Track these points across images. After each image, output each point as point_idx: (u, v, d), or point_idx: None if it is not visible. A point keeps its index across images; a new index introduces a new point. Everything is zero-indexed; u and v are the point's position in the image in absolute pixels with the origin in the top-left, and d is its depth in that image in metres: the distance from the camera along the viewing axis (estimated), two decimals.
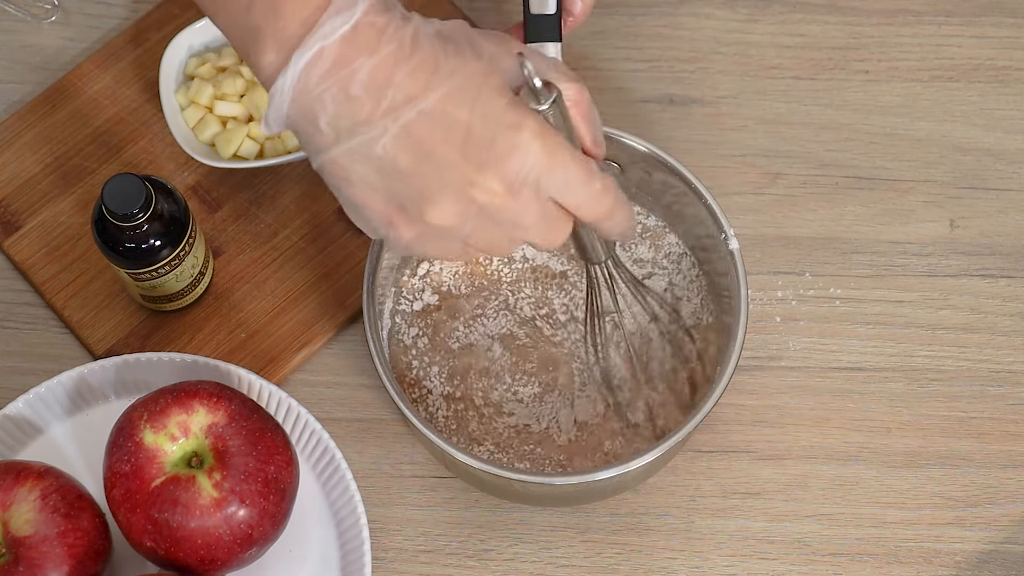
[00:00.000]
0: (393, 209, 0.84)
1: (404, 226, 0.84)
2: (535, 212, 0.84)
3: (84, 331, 1.11)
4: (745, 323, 1.02)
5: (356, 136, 0.82)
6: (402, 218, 0.84)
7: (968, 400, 1.11)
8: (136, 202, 1.01)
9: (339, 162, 0.83)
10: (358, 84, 0.81)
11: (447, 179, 0.82)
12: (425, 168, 0.82)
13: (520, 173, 0.82)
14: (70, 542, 0.96)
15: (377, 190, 0.83)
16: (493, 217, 0.83)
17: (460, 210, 0.83)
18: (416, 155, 0.82)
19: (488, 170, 0.82)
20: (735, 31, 1.20)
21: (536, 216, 0.84)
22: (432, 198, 0.82)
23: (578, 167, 0.84)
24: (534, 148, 0.82)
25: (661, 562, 1.07)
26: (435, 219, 0.83)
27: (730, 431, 1.10)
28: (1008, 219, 1.15)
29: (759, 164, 1.16)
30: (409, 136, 0.81)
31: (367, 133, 0.82)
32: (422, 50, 0.82)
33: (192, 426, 0.97)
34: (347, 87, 0.81)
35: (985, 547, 1.07)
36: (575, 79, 0.87)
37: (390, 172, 0.82)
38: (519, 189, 0.83)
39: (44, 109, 1.16)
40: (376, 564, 1.06)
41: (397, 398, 1.00)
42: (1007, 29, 1.20)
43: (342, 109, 0.81)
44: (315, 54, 0.81)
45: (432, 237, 0.84)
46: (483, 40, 0.84)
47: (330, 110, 0.82)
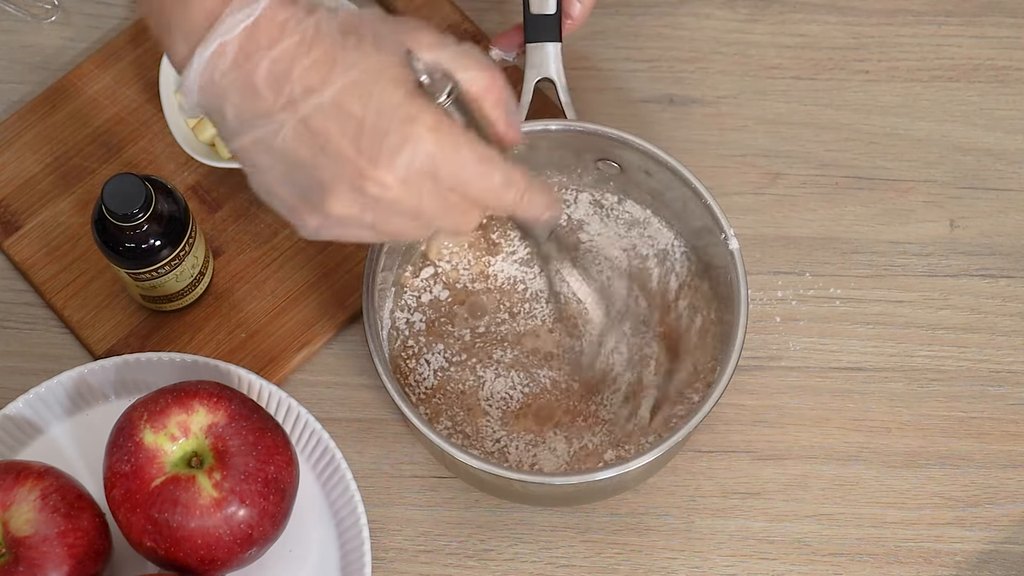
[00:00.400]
0: (296, 199, 0.85)
1: (308, 215, 0.86)
2: (435, 203, 0.85)
3: (84, 331, 1.11)
4: (745, 323, 1.02)
5: (258, 128, 0.84)
6: (305, 207, 0.86)
7: (968, 400, 1.11)
8: (136, 202, 1.01)
9: (246, 150, 0.85)
10: (260, 77, 0.83)
11: (342, 172, 0.83)
12: (322, 161, 0.83)
13: (412, 167, 0.83)
14: (70, 542, 0.96)
15: (281, 180, 0.85)
16: (391, 208, 0.84)
17: (357, 202, 0.84)
18: (313, 148, 0.83)
19: (380, 164, 0.83)
20: (735, 31, 1.20)
21: (437, 207, 0.85)
22: (329, 190, 0.84)
23: (474, 160, 0.85)
24: (426, 141, 0.83)
25: (661, 562, 1.07)
26: (334, 210, 0.84)
27: (730, 431, 1.10)
28: (1008, 219, 1.15)
29: (759, 164, 1.16)
30: (307, 129, 0.83)
31: (268, 125, 0.83)
32: (322, 44, 0.83)
33: (192, 426, 0.97)
34: (249, 80, 0.83)
35: (985, 547, 1.07)
36: (484, 67, 0.87)
37: (291, 163, 0.84)
38: (413, 182, 0.84)
39: (44, 109, 1.16)
40: (376, 564, 1.06)
41: (397, 398, 1.00)
42: (1007, 29, 1.20)
43: (245, 101, 0.83)
44: (217, 48, 0.83)
45: (335, 225, 0.86)
46: (390, 31, 0.85)
47: (234, 101, 0.84)
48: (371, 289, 1.03)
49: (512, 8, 1.20)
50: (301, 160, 0.83)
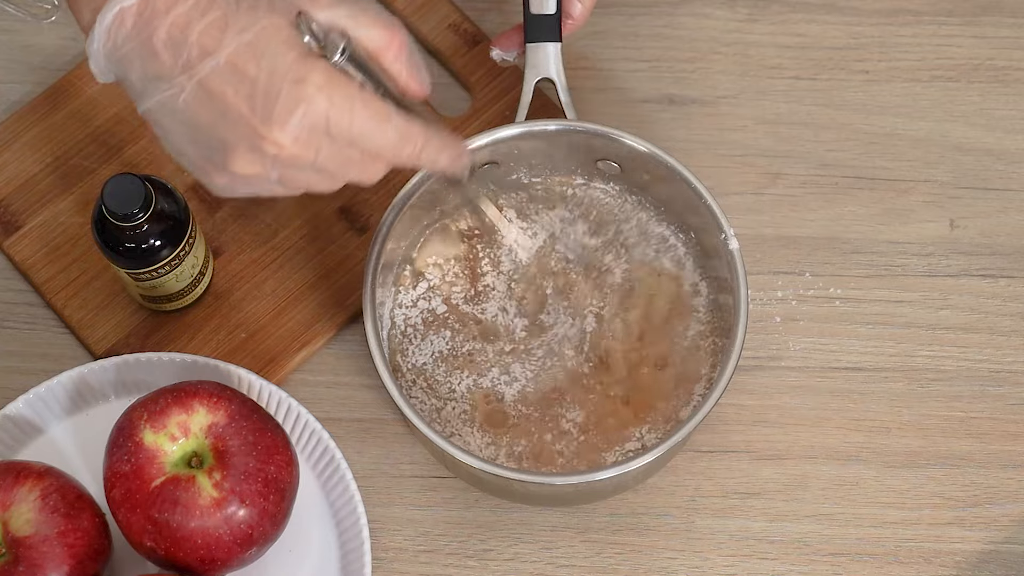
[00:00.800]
0: (203, 159, 0.87)
1: (215, 174, 0.88)
2: (335, 159, 0.86)
3: (84, 331, 1.11)
4: (745, 323, 1.02)
5: (160, 91, 0.85)
6: (209, 167, 0.87)
7: (968, 400, 1.11)
8: (136, 202, 1.01)
9: (152, 112, 0.87)
10: (158, 41, 0.85)
11: (239, 132, 0.85)
12: (220, 122, 0.85)
13: (304, 125, 0.85)
14: (70, 542, 0.96)
15: (186, 142, 0.87)
16: (292, 165, 0.86)
17: (258, 161, 0.86)
18: (211, 110, 0.85)
19: (273, 124, 0.84)
20: (735, 31, 1.20)
21: (337, 162, 0.87)
22: (230, 150, 0.86)
23: (367, 116, 0.86)
24: (317, 101, 0.84)
25: (661, 562, 1.07)
26: (237, 169, 0.86)
27: (730, 431, 1.10)
28: (1008, 219, 1.15)
29: (759, 164, 1.16)
30: (204, 91, 0.85)
31: (169, 88, 0.85)
32: (217, 7, 0.85)
33: (192, 426, 0.97)
34: (149, 44, 0.85)
35: (985, 547, 1.07)
36: (382, 23, 0.88)
37: (192, 125, 0.86)
38: (307, 140, 0.85)
39: (44, 109, 1.16)
40: (376, 564, 1.06)
41: (397, 398, 1.00)
42: (1007, 29, 1.20)
43: (147, 65, 0.85)
44: (116, 14, 0.85)
45: (243, 183, 0.88)
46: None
47: (137, 66, 0.86)
48: (371, 289, 1.03)
49: (512, 8, 1.20)
50: (202, 122, 0.85)
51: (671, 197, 1.08)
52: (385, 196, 1.13)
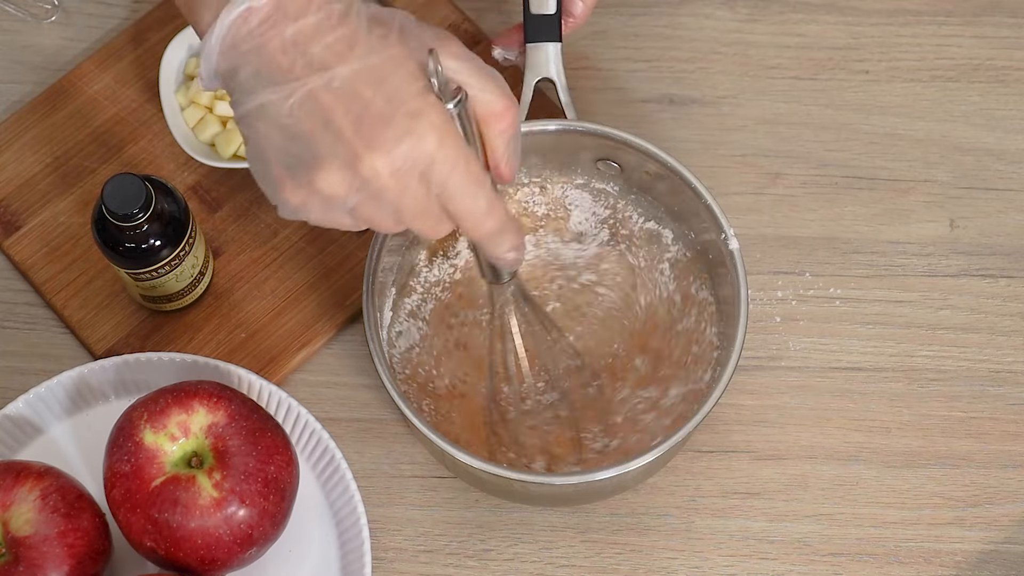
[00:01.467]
0: (285, 172, 0.85)
1: (292, 190, 0.86)
2: (417, 203, 0.85)
3: (84, 331, 1.11)
4: (745, 323, 1.02)
5: (268, 94, 0.84)
6: (291, 182, 0.85)
7: (968, 400, 1.11)
8: (136, 202, 1.01)
9: (250, 117, 0.85)
10: (279, 45, 0.83)
11: (337, 149, 0.84)
12: (321, 135, 0.84)
13: (407, 160, 0.83)
14: (70, 542, 0.96)
15: (276, 150, 0.85)
16: (377, 196, 0.84)
17: (345, 181, 0.84)
18: (315, 122, 0.83)
19: (377, 150, 0.83)
20: (735, 31, 1.20)
21: (418, 208, 0.85)
22: (321, 165, 0.84)
23: (468, 175, 0.84)
24: (428, 140, 0.83)
25: (661, 562, 1.07)
26: (321, 186, 0.84)
27: (730, 431, 1.10)
28: (1008, 219, 1.15)
29: (759, 164, 1.16)
30: (313, 102, 0.83)
31: (277, 92, 0.84)
32: (348, 25, 0.84)
33: (192, 426, 0.97)
34: (269, 46, 0.83)
35: (985, 547, 1.07)
36: (504, 94, 0.87)
37: (291, 134, 0.84)
38: (403, 176, 0.84)
39: (44, 109, 1.16)
40: (376, 564, 1.06)
41: (397, 398, 1.00)
42: (1007, 29, 1.20)
43: (261, 67, 0.84)
44: (242, 12, 0.83)
45: (318, 204, 0.86)
46: (418, 31, 0.86)
47: (251, 66, 0.84)
48: (371, 289, 1.03)
49: (512, 8, 1.20)
50: (301, 132, 0.84)
51: (671, 197, 1.08)
52: None
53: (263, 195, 1.13)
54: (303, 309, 1.11)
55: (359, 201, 0.85)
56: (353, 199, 0.85)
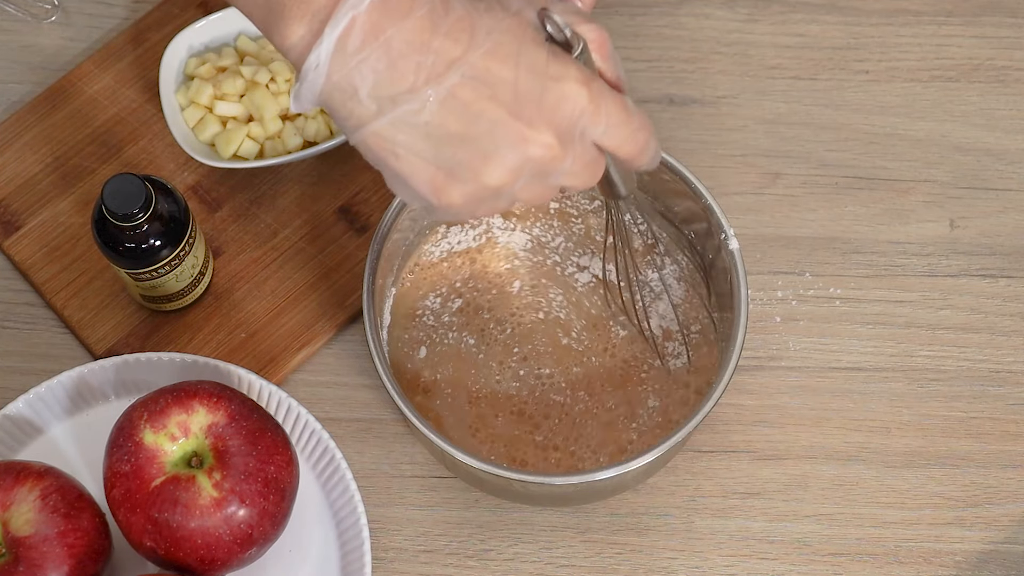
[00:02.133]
0: (442, 175, 0.83)
1: (455, 191, 0.83)
2: (584, 157, 0.84)
3: (84, 331, 1.11)
4: (745, 323, 1.02)
5: (400, 105, 0.80)
6: (452, 183, 0.83)
7: (968, 400, 1.11)
8: (136, 202, 1.01)
9: (382, 134, 0.82)
10: (396, 51, 0.79)
11: (500, 138, 0.81)
12: (476, 130, 0.81)
13: (570, 122, 0.82)
14: (70, 542, 0.96)
15: (425, 158, 0.82)
16: (545, 168, 0.83)
17: (516, 167, 0.82)
18: (465, 118, 0.81)
19: (540, 124, 0.82)
20: (735, 31, 1.20)
21: (583, 163, 0.84)
22: (488, 158, 0.82)
23: (619, 108, 0.84)
24: (581, 96, 0.82)
25: (661, 562, 1.07)
26: (491, 179, 0.82)
27: (730, 431, 1.10)
28: (1008, 219, 1.15)
29: (759, 164, 1.16)
30: (456, 100, 0.80)
31: (411, 102, 0.80)
32: (455, 10, 0.80)
33: (192, 426, 0.97)
34: (385, 55, 0.79)
35: (985, 547, 1.07)
36: (593, 21, 0.86)
37: (439, 138, 0.81)
38: (568, 138, 0.83)
39: (44, 109, 1.16)
40: (376, 564, 1.06)
41: (397, 398, 1.00)
42: (1007, 29, 1.20)
43: (382, 79, 0.80)
44: (348, 23, 0.79)
45: (484, 198, 0.84)
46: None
47: (369, 81, 0.80)
48: (371, 289, 1.03)
49: None
50: (452, 133, 0.81)
51: (671, 197, 1.08)
52: (385, 196, 1.13)
53: (263, 195, 1.14)
54: (303, 309, 1.11)
55: (527, 181, 0.83)
56: (522, 181, 0.83)
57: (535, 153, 0.82)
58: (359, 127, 0.82)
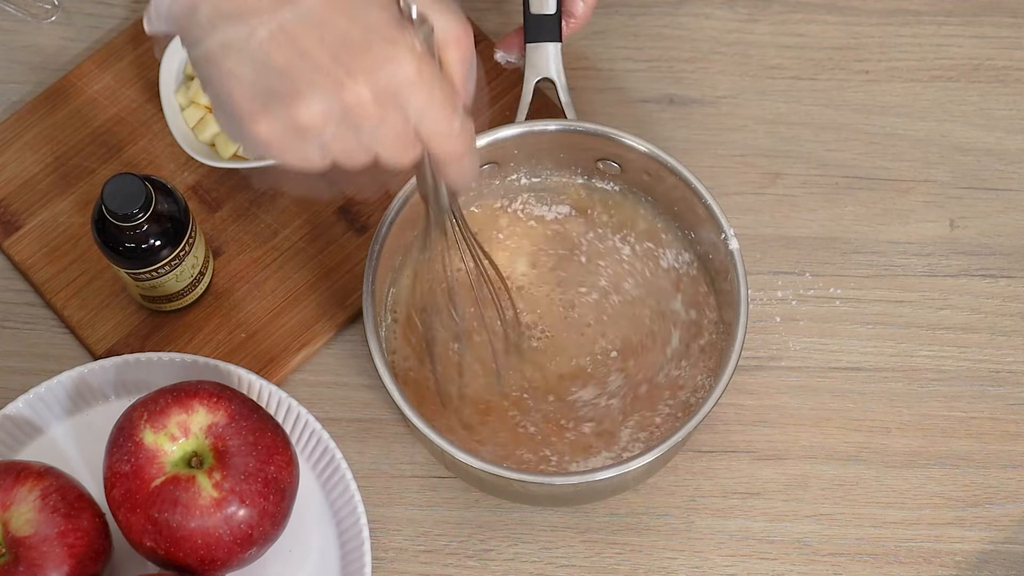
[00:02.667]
0: (258, 105, 0.85)
1: (266, 123, 0.85)
2: (396, 128, 0.85)
3: (84, 331, 1.11)
4: (745, 323, 1.02)
5: (233, 29, 0.83)
6: (263, 114, 0.85)
7: (968, 400, 1.11)
8: (136, 202, 1.01)
9: (212, 53, 0.84)
10: None
11: (318, 79, 0.83)
12: (298, 66, 0.83)
13: (390, 84, 0.84)
14: (70, 542, 0.96)
15: (245, 84, 0.84)
16: (355, 123, 0.84)
17: (326, 111, 0.84)
18: (289, 54, 0.83)
19: (359, 75, 0.83)
20: (735, 31, 1.20)
21: (394, 133, 0.85)
22: (301, 95, 0.84)
23: (444, 98, 0.85)
24: (407, 64, 0.84)
25: (661, 562, 1.07)
26: (302, 117, 0.84)
27: (730, 431, 1.10)
28: (1008, 219, 1.15)
29: (759, 164, 1.16)
30: (284, 34, 0.83)
31: (243, 27, 0.83)
32: None
33: (192, 426, 0.97)
34: None
35: (985, 547, 1.07)
36: (459, 19, 0.88)
37: (261, 67, 0.84)
38: (384, 100, 0.84)
39: (44, 109, 1.16)
40: (376, 564, 1.06)
41: (397, 398, 1.00)
42: (1007, 29, 1.20)
43: (223, 3, 0.83)
44: None
45: (292, 137, 0.85)
46: None
47: (211, 3, 0.84)
48: (371, 289, 1.03)
49: (512, 8, 1.20)
50: (274, 65, 0.83)
51: (671, 197, 1.08)
52: (385, 196, 1.13)
53: (263, 195, 1.14)
54: (303, 309, 1.11)
55: (336, 131, 0.85)
56: (331, 129, 0.85)
57: (346, 100, 0.83)
58: (195, 45, 0.85)
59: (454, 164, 0.89)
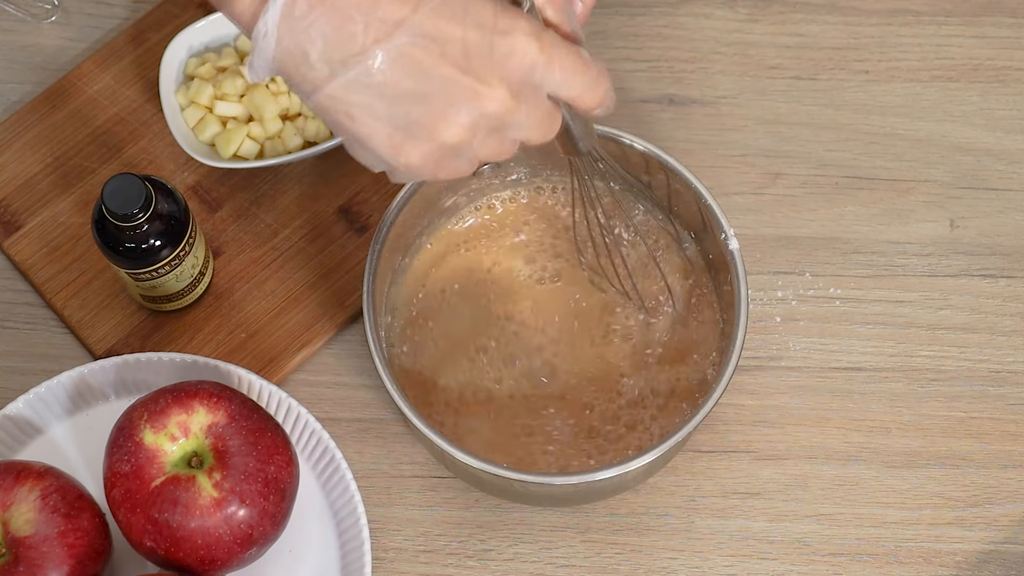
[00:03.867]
0: (399, 135, 0.83)
1: (413, 150, 0.84)
2: (538, 110, 0.85)
3: (84, 331, 1.11)
4: (745, 323, 1.02)
5: (351, 67, 0.81)
6: (409, 142, 0.84)
7: (968, 400, 1.11)
8: (136, 202, 1.01)
9: (337, 96, 0.82)
10: (343, 14, 0.80)
11: (453, 94, 0.82)
12: (429, 87, 0.82)
13: (522, 75, 0.83)
14: (70, 542, 0.96)
15: (380, 119, 0.83)
16: (500, 122, 0.84)
17: (471, 123, 0.83)
18: (417, 76, 0.82)
19: (492, 78, 0.82)
20: (735, 31, 1.20)
21: (539, 114, 0.85)
22: (443, 115, 0.83)
23: (574, 59, 0.85)
24: (531, 48, 0.83)
25: (661, 562, 1.07)
26: (448, 136, 0.83)
27: (730, 431, 1.10)
28: (1008, 219, 1.15)
29: (759, 164, 1.16)
30: (406, 58, 0.81)
31: (363, 62, 0.81)
32: None
33: (192, 426, 0.97)
34: (333, 18, 0.80)
35: (985, 547, 1.07)
36: None
37: (393, 98, 0.82)
38: (522, 92, 0.83)
39: (44, 109, 1.16)
40: (376, 564, 1.06)
41: (397, 398, 1.00)
42: (1007, 29, 1.20)
43: (332, 41, 0.81)
44: None
45: (442, 156, 0.84)
46: None
47: (319, 44, 0.81)
48: (371, 289, 1.03)
49: None
50: (405, 91, 0.82)
51: (671, 197, 1.08)
52: (385, 196, 1.13)
53: (263, 195, 1.14)
54: (303, 309, 1.11)
55: (483, 137, 0.84)
56: (479, 137, 0.84)
57: (489, 108, 0.83)
58: (313, 92, 0.83)
59: (601, 105, 0.88)
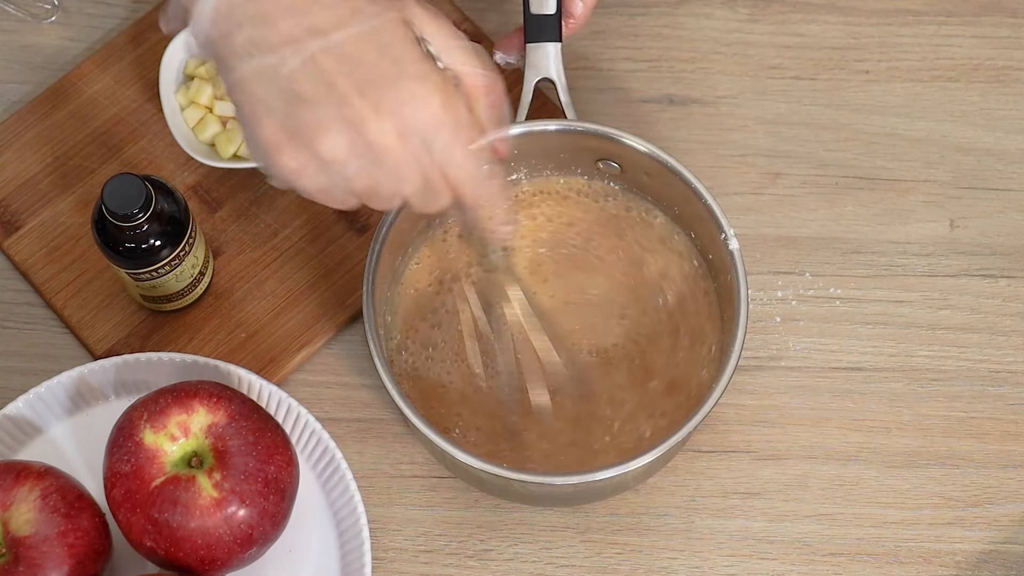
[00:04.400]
0: (284, 135, 0.85)
1: (290, 154, 0.85)
2: (418, 169, 0.85)
3: (84, 331, 1.11)
4: (745, 323, 1.02)
5: (264, 58, 0.84)
6: (291, 145, 0.85)
7: (968, 400, 1.11)
8: (136, 202, 1.01)
9: (245, 81, 0.85)
10: (276, 9, 0.83)
11: (343, 112, 0.83)
12: (325, 98, 0.83)
13: (414, 121, 0.84)
14: (70, 542, 0.96)
15: (272, 114, 0.85)
16: (379, 160, 0.84)
17: (349, 144, 0.84)
18: (317, 86, 0.83)
19: (384, 111, 0.83)
20: (735, 31, 1.20)
21: (418, 173, 0.85)
22: (326, 128, 0.84)
23: (472, 139, 0.85)
24: (433, 102, 0.84)
25: (661, 562, 1.07)
26: (325, 150, 0.84)
27: (730, 431, 1.10)
28: (1008, 219, 1.15)
29: (759, 164, 1.16)
30: (315, 66, 0.83)
31: (276, 56, 0.83)
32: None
33: (192, 426, 0.97)
34: (264, 10, 0.83)
35: (985, 547, 1.07)
36: (490, 68, 0.88)
37: (290, 97, 0.84)
38: (409, 138, 0.84)
39: (44, 109, 1.16)
40: (376, 564, 1.06)
41: (397, 398, 1.00)
42: (1007, 29, 1.20)
43: (257, 31, 0.84)
44: None
45: (316, 170, 0.85)
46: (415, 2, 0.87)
47: (246, 31, 0.84)
48: (371, 289, 1.03)
49: (512, 8, 1.20)
50: (302, 95, 0.84)
51: (671, 197, 1.08)
52: None
53: (263, 195, 1.14)
54: (303, 309, 1.11)
55: (359, 167, 0.85)
56: (354, 164, 0.84)
57: (370, 136, 0.83)
58: (229, 72, 0.85)
59: (484, 212, 0.88)
